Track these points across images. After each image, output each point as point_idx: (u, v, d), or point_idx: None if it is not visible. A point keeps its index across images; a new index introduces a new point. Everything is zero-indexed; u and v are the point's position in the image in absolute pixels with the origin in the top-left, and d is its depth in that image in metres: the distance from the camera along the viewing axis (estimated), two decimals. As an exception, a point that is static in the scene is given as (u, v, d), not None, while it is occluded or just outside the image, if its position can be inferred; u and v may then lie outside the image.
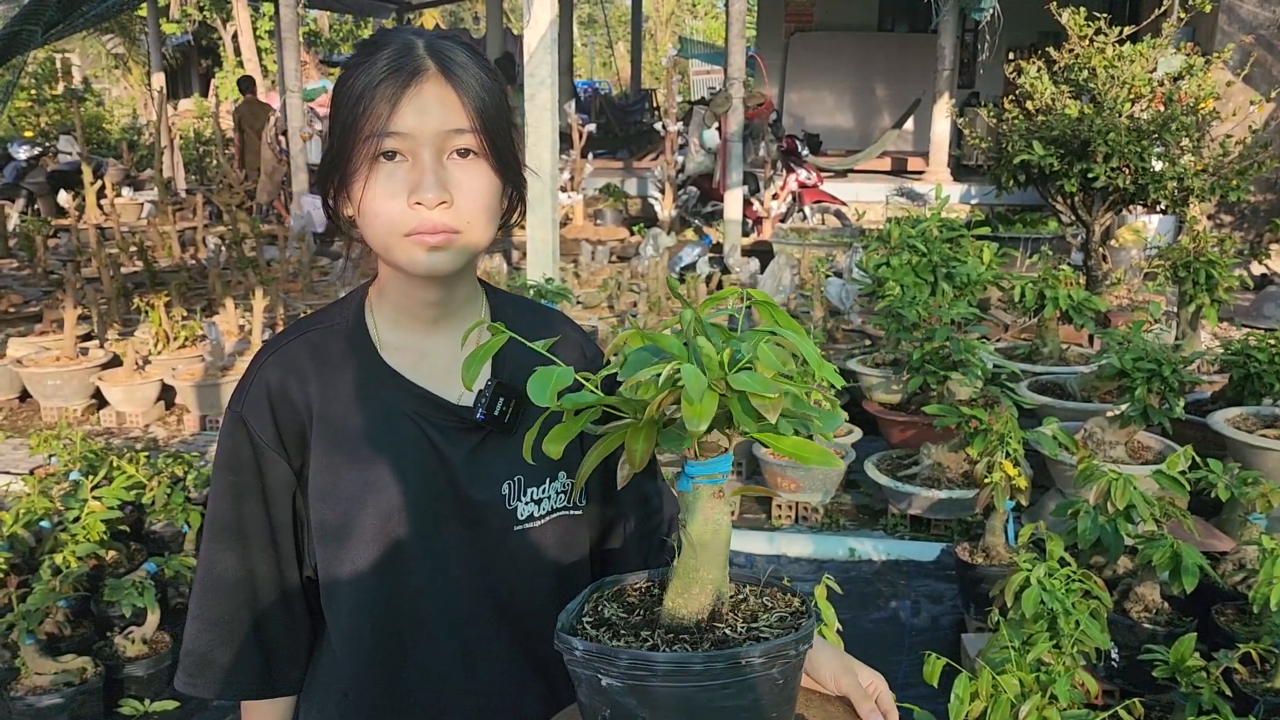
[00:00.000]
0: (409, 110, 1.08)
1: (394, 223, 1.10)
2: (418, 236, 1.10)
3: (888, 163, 12.24)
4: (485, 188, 1.13)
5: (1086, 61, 6.25)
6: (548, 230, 5.55)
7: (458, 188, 1.10)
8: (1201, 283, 4.93)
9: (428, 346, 1.22)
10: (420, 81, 1.08)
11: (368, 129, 1.08)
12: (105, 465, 3.57)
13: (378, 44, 1.12)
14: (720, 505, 0.90)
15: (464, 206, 1.11)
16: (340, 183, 1.14)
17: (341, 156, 1.11)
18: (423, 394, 1.20)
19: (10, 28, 3.84)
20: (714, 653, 0.86)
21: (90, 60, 23.32)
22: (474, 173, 1.12)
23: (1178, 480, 2.76)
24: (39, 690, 2.79)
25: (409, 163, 1.10)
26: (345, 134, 1.10)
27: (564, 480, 1.25)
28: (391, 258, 1.13)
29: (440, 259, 1.12)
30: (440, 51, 1.11)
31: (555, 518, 1.24)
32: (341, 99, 1.11)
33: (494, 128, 1.12)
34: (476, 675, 1.23)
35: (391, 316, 1.22)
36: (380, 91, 1.08)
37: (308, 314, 1.28)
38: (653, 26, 32.42)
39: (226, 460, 1.21)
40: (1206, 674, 2.13)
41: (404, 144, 1.09)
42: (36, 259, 8.63)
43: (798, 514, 4.29)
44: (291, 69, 10.34)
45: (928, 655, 1.92)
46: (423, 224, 1.09)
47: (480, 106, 1.11)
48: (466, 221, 1.11)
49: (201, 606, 1.23)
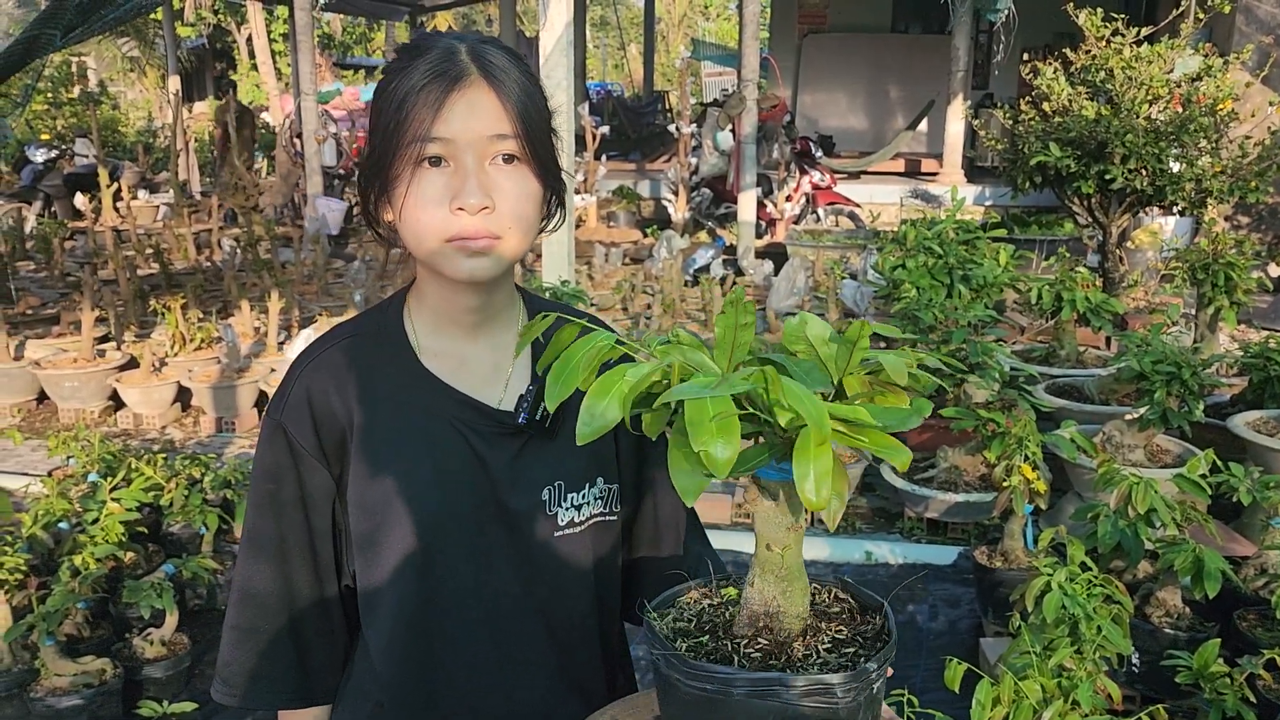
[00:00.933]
0: (452, 115, 1.07)
1: (436, 228, 1.09)
2: (460, 242, 1.09)
3: (901, 164, 12.21)
4: (527, 193, 1.12)
5: (1104, 62, 6.21)
6: (563, 232, 5.55)
7: (500, 193, 1.09)
8: (1220, 285, 4.89)
9: (467, 352, 1.22)
10: (464, 86, 1.07)
11: (411, 134, 1.07)
12: (123, 467, 3.58)
13: (419, 49, 1.11)
14: (783, 507, 0.88)
15: (506, 212, 1.10)
16: (381, 188, 1.12)
17: (384, 161, 1.10)
18: (464, 399, 1.19)
19: (30, 31, 3.87)
20: (803, 676, 0.84)
21: (106, 63, 23.45)
22: (516, 178, 1.11)
23: (1199, 484, 2.74)
24: (59, 691, 2.80)
25: (451, 168, 1.09)
26: (387, 139, 1.09)
27: (602, 486, 1.25)
28: (433, 263, 1.12)
29: (482, 264, 1.11)
30: (482, 56, 1.10)
31: (594, 523, 1.24)
32: (383, 104, 1.10)
33: (536, 133, 1.12)
34: (512, 683, 1.23)
35: (430, 322, 1.21)
36: (423, 97, 1.07)
37: (344, 320, 1.27)
38: (665, 28, 32.43)
39: (266, 471, 1.20)
40: (1230, 680, 2.11)
41: (447, 149, 1.08)
42: (54, 261, 8.69)
43: (814, 517, 4.27)
44: (306, 72, 10.38)
45: (948, 660, 1.91)
46: (465, 229, 1.08)
47: (523, 111, 1.10)
48: (508, 227, 1.11)
49: (240, 618, 1.22)
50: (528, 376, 1.22)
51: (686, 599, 0.98)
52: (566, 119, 5.35)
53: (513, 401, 1.20)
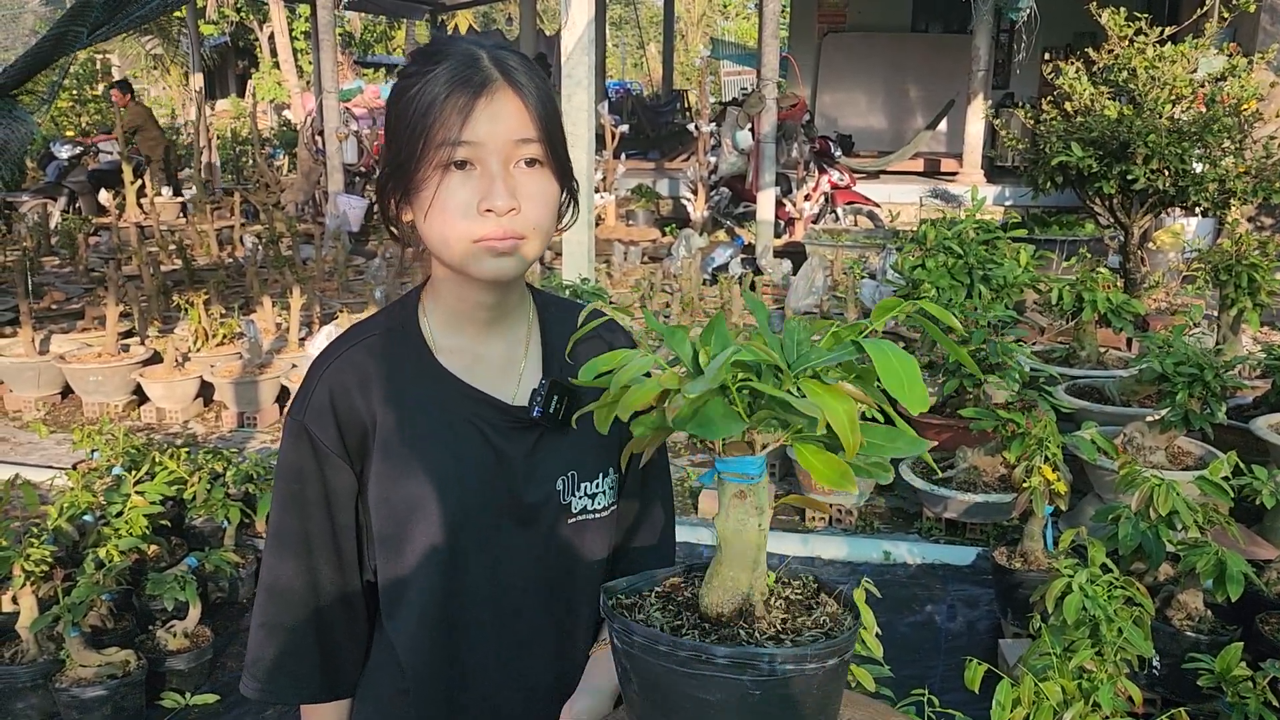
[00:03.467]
0: (480, 120, 1.10)
1: (464, 230, 1.12)
2: (487, 243, 1.12)
3: (921, 164, 12.16)
4: (550, 195, 1.16)
5: (1126, 62, 6.17)
6: (583, 231, 5.57)
7: (525, 196, 1.13)
8: (1243, 286, 4.85)
9: (481, 349, 1.25)
10: (490, 92, 1.11)
11: (439, 138, 1.10)
12: (147, 461, 3.62)
13: (438, 54, 1.14)
14: (743, 505, 0.90)
15: (530, 214, 1.14)
16: (404, 190, 1.15)
17: (409, 165, 1.13)
18: (480, 396, 1.23)
19: (57, 28, 3.90)
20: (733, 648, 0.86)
21: (130, 61, 23.65)
22: (540, 181, 1.15)
23: (1221, 486, 2.72)
24: (83, 682, 2.84)
25: (478, 171, 1.12)
26: (413, 143, 1.12)
27: (614, 476, 1.29)
28: (458, 263, 1.15)
29: (507, 264, 1.15)
30: (503, 62, 1.13)
31: (607, 513, 1.29)
32: (407, 109, 1.13)
33: (555, 136, 1.15)
34: (526, 668, 1.26)
35: (445, 319, 1.24)
36: (451, 102, 1.10)
37: (362, 320, 1.31)
38: (684, 27, 32.40)
39: (289, 472, 1.22)
40: (1253, 684, 2.10)
41: (474, 153, 1.11)
42: (78, 257, 8.77)
43: (831, 516, 4.27)
44: (328, 70, 10.43)
45: (969, 661, 1.91)
46: (492, 231, 1.12)
47: (544, 116, 1.14)
48: (532, 228, 1.14)
49: (267, 614, 1.25)
50: (540, 371, 1.26)
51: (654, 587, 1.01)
52: (588, 117, 5.36)
53: (526, 396, 1.24)
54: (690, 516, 4.35)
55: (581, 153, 5.44)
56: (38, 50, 3.85)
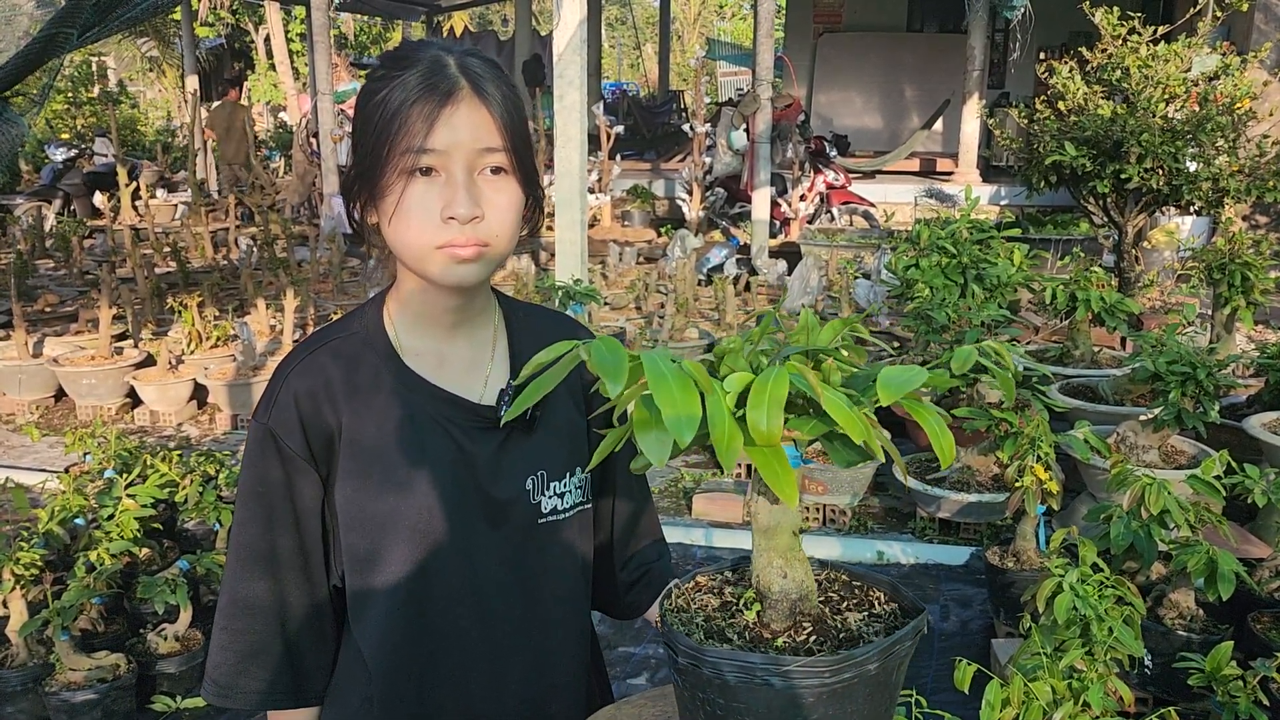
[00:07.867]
0: (445, 129, 1.10)
1: (428, 236, 1.12)
2: (450, 249, 1.13)
3: (916, 163, 12.17)
4: (514, 203, 1.16)
5: (1120, 61, 6.18)
6: (576, 231, 5.56)
7: (489, 204, 1.13)
8: (1237, 285, 4.85)
9: (446, 350, 1.25)
10: (455, 101, 1.11)
11: (404, 145, 1.10)
12: (139, 464, 3.61)
13: (406, 59, 1.14)
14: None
15: (494, 221, 1.14)
16: (369, 194, 1.16)
17: (374, 170, 1.13)
18: (446, 395, 1.23)
19: (47, 30, 3.89)
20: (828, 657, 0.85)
21: (125, 63, 23.63)
22: (504, 189, 1.15)
23: (1213, 485, 2.72)
24: (73, 686, 2.83)
25: (442, 178, 1.12)
26: (379, 148, 1.12)
27: (581, 476, 1.29)
28: (422, 268, 1.15)
29: (470, 270, 1.15)
30: (471, 70, 1.13)
31: (577, 512, 1.29)
32: (373, 114, 1.13)
33: (521, 145, 1.16)
34: (500, 670, 1.25)
35: (411, 322, 1.24)
36: (416, 109, 1.10)
37: (325, 325, 1.31)
38: (680, 28, 32.41)
39: (256, 482, 1.21)
40: (1243, 683, 2.10)
41: (439, 160, 1.11)
42: (72, 259, 8.76)
43: (825, 516, 4.27)
44: (323, 71, 10.42)
45: (958, 661, 1.90)
46: (456, 238, 1.12)
47: (509, 124, 1.14)
48: (496, 235, 1.15)
49: (230, 620, 1.23)
50: (507, 371, 1.27)
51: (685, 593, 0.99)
52: (580, 117, 5.36)
53: (493, 396, 1.24)
54: (684, 517, 4.35)
55: (574, 152, 5.43)
56: (27, 52, 3.84)
